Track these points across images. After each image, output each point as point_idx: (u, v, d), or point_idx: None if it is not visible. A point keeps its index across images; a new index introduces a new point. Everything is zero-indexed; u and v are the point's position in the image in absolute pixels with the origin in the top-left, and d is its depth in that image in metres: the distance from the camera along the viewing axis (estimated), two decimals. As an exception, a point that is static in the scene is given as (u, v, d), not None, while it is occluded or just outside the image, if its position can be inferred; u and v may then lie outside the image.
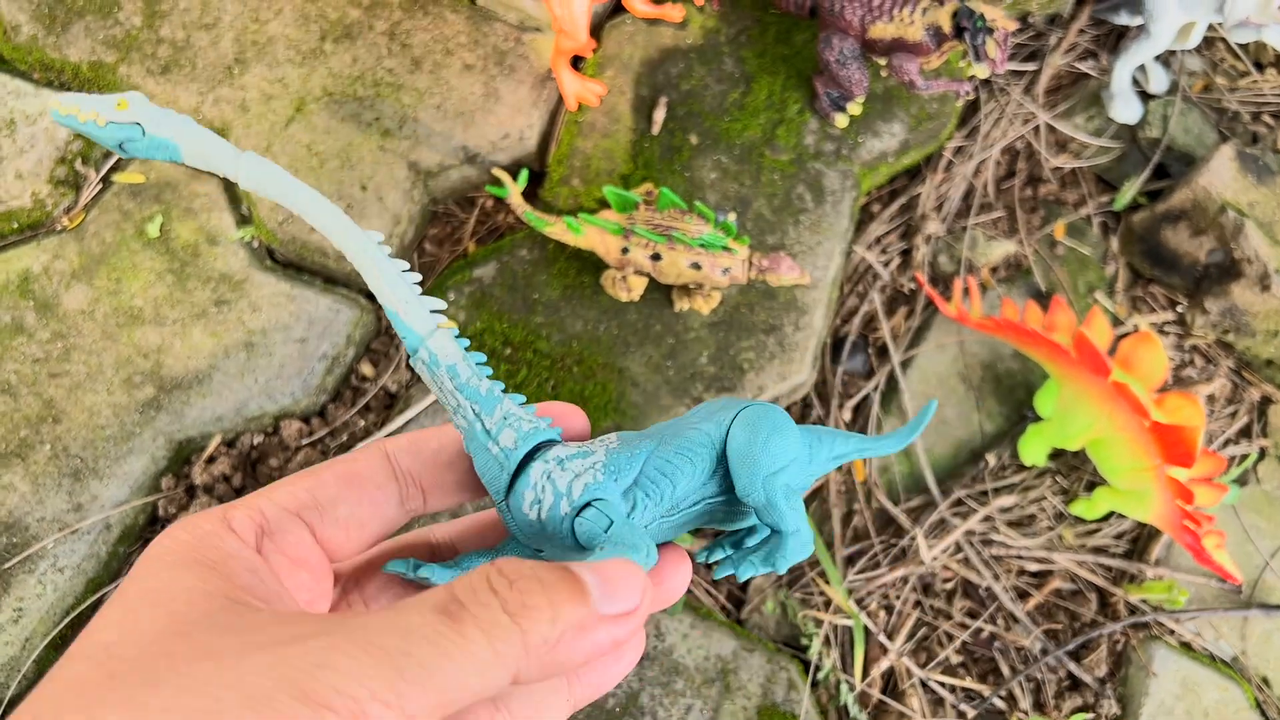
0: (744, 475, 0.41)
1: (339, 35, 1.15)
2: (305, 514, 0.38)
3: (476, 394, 0.39)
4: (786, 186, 1.11)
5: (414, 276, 0.39)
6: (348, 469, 0.40)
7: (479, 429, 0.39)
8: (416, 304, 0.39)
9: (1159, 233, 1.13)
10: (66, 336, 1.04)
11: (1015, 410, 1.10)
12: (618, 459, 0.40)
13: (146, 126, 0.36)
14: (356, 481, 0.39)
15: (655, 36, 1.17)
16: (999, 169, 1.21)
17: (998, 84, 1.23)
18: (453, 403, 0.39)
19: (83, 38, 1.15)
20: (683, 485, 0.41)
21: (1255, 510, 1.07)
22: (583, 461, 0.40)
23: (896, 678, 1.01)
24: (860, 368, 1.12)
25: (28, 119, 1.12)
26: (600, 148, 1.12)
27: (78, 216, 1.09)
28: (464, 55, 1.15)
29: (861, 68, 1.06)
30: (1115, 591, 1.03)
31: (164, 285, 1.06)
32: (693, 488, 0.41)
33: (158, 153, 0.37)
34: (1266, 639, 1.02)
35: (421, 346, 0.39)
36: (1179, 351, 1.13)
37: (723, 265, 0.98)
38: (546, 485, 0.39)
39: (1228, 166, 1.10)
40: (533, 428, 0.40)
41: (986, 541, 1.05)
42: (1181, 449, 0.90)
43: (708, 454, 0.41)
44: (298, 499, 0.38)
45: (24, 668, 0.93)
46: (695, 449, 0.41)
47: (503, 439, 0.39)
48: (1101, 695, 1.00)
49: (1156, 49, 1.13)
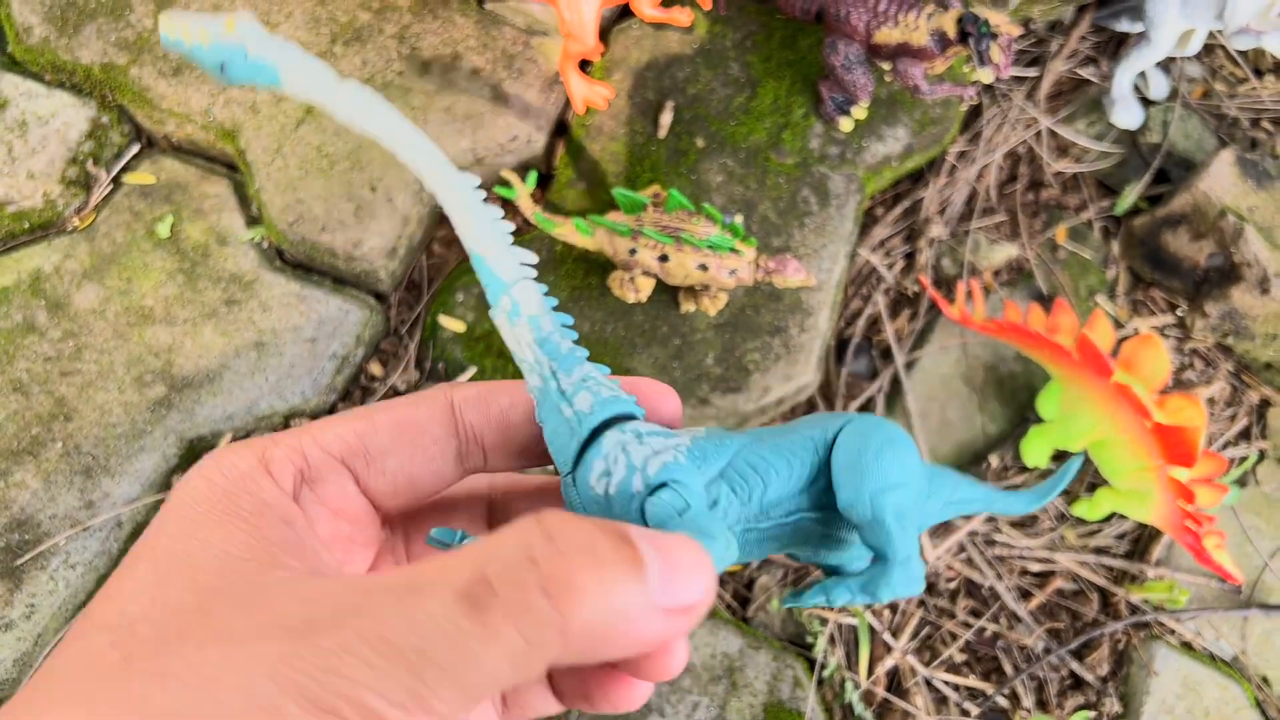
0: (850, 486, 0.36)
1: (349, 38, 1.16)
2: (351, 461, 0.35)
3: (556, 351, 0.36)
4: (792, 190, 1.12)
5: (508, 225, 0.36)
6: (406, 415, 0.36)
7: (554, 388, 0.36)
8: (506, 251, 0.36)
9: (1159, 237, 1.14)
10: (78, 335, 1.05)
11: (1018, 412, 1.11)
12: (704, 445, 0.36)
13: (250, 48, 0.34)
14: (413, 432, 0.36)
15: (662, 41, 1.18)
16: (1001, 173, 1.22)
17: (1000, 89, 1.24)
18: (529, 358, 0.36)
19: (94, 40, 1.16)
20: (775, 487, 0.37)
21: (1255, 511, 1.08)
22: (664, 440, 0.36)
23: (900, 676, 1.02)
24: (864, 369, 1.14)
25: (40, 120, 1.13)
26: (607, 150, 1.13)
27: (88, 217, 1.10)
28: (473, 59, 1.16)
29: (866, 72, 1.07)
30: (1117, 591, 1.04)
31: (174, 285, 1.07)
32: (787, 493, 0.37)
33: (259, 76, 0.35)
34: (1266, 639, 1.03)
35: (504, 294, 0.36)
36: (1179, 355, 1.14)
37: (730, 267, 0.99)
38: (620, 456, 0.35)
39: (1227, 171, 1.11)
40: (613, 394, 0.36)
41: (989, 542, 1.06)
42: (1183, 450, 0.91)
43: (808, 457, 0.37)
44: (345, 443, 0.35)
45: (36, 663, 0.94)
46: (795, 449, 0.37)
47: (578, 401, 0.35)
48: (1103, 694, 1.01)
49: (1157, 56, 1.15)
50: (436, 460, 0.36)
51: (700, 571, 0.29)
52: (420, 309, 1.11)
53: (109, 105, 1.15)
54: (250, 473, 0.33)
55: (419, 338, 1.09)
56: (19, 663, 0.93)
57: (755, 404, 1.05)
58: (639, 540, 0.28)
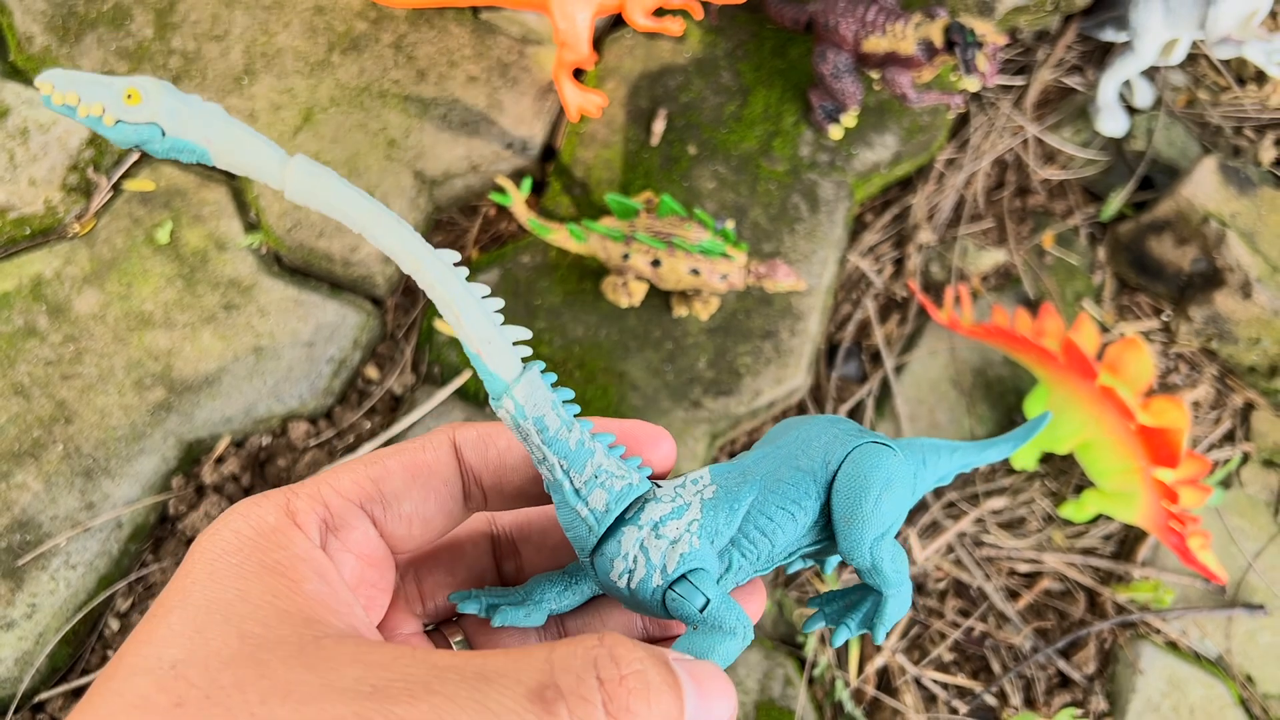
0: (850, 536, 0.38)
1: (346, 47, 1.18)
2: (369, 507, 0.36)
3: (565, 449, 0.35)
4: (782, 196, 1.14)
5: (496, 303, 0.34)
6: (416, 460, 0.37)
7: (568, 488, 0.36)
8: (501, 342, 0.34)
9: (1144, 242, 1.16)
10: (78, 339, 1.06)
11: (1005, 415, 1.13)
12: (715, 518, 0.37)
13: (167, 127, 0.30)
14: (424, 475, 0.37)
15: (655, 50, 1.20)
16: (989, 180, 1.24)
17: (988, 97, 1.26)
18: (538, 455, 0.35)
19: (95, 48, 1.18)
20: (781, 543, 0.38)
21: (1238, 512, 1.10)
22: (677, 523, 0.36)
23: (890, 675, 1.03)
24: (854, 373, 1.15)
25: (41, 127, 1.15)
26: (601, 157, 1.15)
27: (89, 222, 1.12)
28: (468, 67, 1.18)
29: (855, 81, 1.09)
30: (1103, 591, 1.06)
31: (174, 290, 1.08)
32: (791, 541, 0.38)
33: (183, 156, 0.31)
34: (1250, 638, 1.05)
35: (505, 396, 0.34)
36: (1165, 358, 1.16)
37: (721, 271, 1.00)
38: (639, 556, 0.36)
39: (1210, 178, 1.13)
40: (625, 485, 0.36)
41: (978, 543, 1.08)
42: (1166, 451, 0.93)
43: (812, 505, 0.38)
44: (362, 489, 0.36)
45: (37, 662, 0.95)
46: (799, 500, 0.38)
47: (593, 500, 0.36)
48: (1090, 692, 1.02)
49: (1141, 64, 1.17)
50: (447, 501, 0.37)
51: (726, 696, 0.32)
52: (416, 313, 1.12)
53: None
54: (279, 526, 0.33)
55: (415, 342, 1.11)
56: (20, 661, 0.94)
57: (746, 407, 1.06)
58: (679, 669, 0.31)
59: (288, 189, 0.31)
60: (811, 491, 0.38)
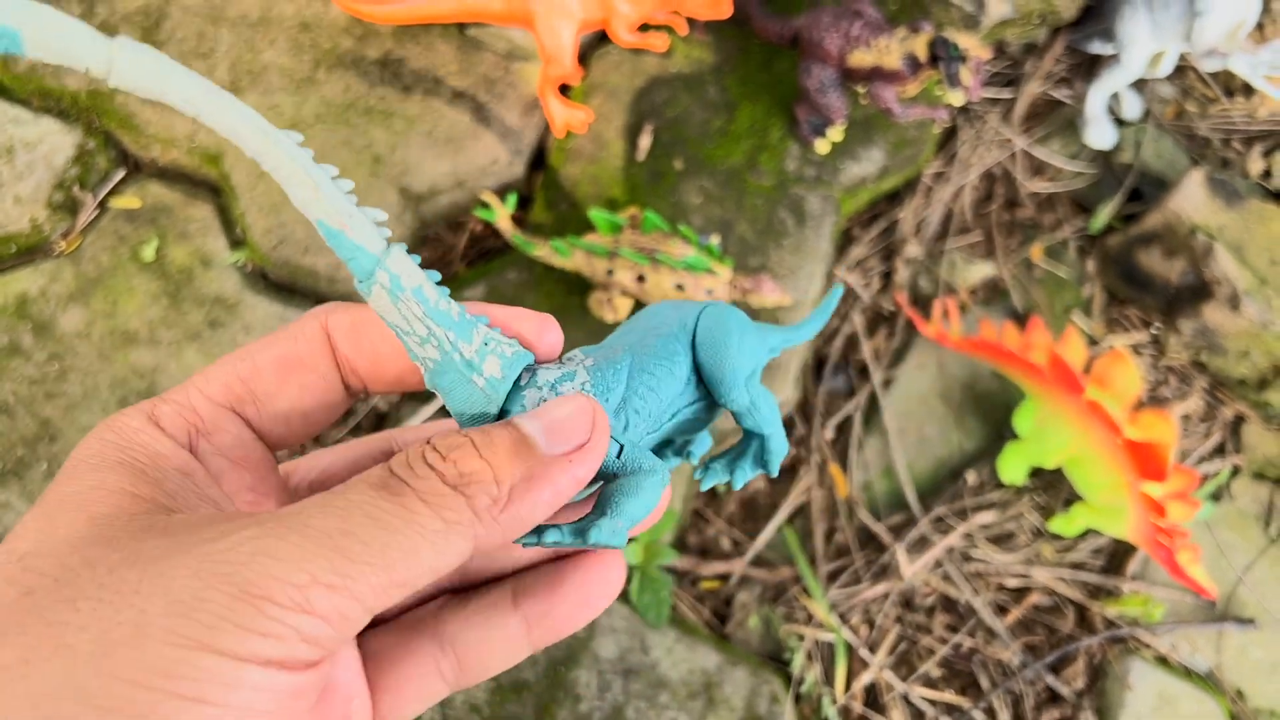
0: (725, 380, 0.39)
1: (332, 64, 1.18)
2: (242, 408, 0.34)
3: (449, 319, 0.34)
4: (769, 210, 1.14)
5: (346, 184, 0.32)
6: (287, 353, 0.35)
7: (456, 359, 0.34)
8: (364, 218, 0.32)
9: (1133, 255, 1.16)
10: (63, 357, 1.06)
11: (994, 428, 1.12)
12: (604, 378, 0.37)
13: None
14: (297, 368, 0.35)
15: (641, 65, 1.20)
16: (977, 193, 1.24)
17: (975, 111, 1.26)
18: (420, 332, 0.33)
19: (81, 66, 1.18)
20: (666, 396, 0.39)
21: (1229, 526, 1.09)
22: (572, 385, 0.36)
23: (878, 691, 1.02)
24: (842, 387, 1.15)
25: (27, 145, 1.15)
26: (587, 173, 1.15)
27: (74, 240, 1.12)
28: (454, 83, 1.18)
29: (841, 95, 1.09)
30: (1092, 606, 1.05)
31: (159, 307, 1.08)
32: (673, 396, 0.39)
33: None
34: (1241, 652, 1.04)
35: (378, 268, 0.32)
36: (1155, 371, 1.15)
37: (706, 286, 1.00)
38: None
39: (1198, 191, 1.13)
40: (515, 351, 0.35)
41: (966, 557, 1.07)
42: (1153, 465, 0.93)
43: (684, 360, 0.39)
44: (232, 391, 0.34)
45: None
46: (672, 356, 0.39)
47: (488, 368, 0.34)
48: (1079, 708, 1.02)
49: (1129, 77, 1.17)
50: (324, 393, 0.36)
51: (580, 417, 0.32)
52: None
53: (95, 131, 1.17)
54: (142, 428, 0.32)
55: (401, 358, 1.10)
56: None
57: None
58: (520, 420, 0.32)
59: (113, 75, 0.28)
60: (679, 349, 0.39)
